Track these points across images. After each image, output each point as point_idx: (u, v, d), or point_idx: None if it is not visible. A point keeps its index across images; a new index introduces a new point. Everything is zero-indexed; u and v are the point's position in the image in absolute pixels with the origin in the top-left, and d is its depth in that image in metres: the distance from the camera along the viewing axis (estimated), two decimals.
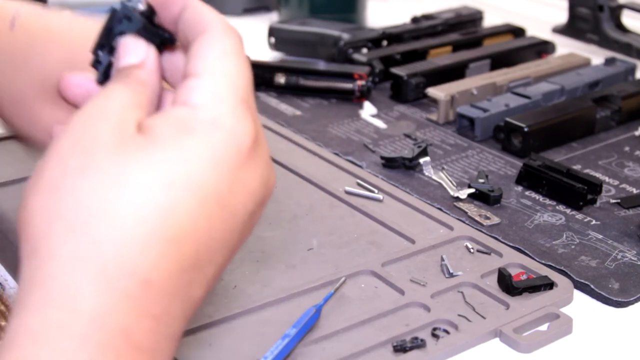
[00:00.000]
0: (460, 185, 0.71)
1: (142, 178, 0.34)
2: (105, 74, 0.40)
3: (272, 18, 1.17)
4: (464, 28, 1.06)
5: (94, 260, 0.33)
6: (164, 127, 0.35)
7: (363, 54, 0.95)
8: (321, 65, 0.93)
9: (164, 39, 0.40)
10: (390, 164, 0.74)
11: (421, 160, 0.74)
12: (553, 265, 0.60)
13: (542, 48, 1.00)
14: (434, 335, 0.52)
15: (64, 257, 0.33)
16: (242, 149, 0.36)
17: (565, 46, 1.03)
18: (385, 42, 1.00)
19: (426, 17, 1.07)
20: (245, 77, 0.38)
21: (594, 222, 0.66)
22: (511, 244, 0.63)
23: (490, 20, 1.11)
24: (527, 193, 0.70)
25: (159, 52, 0.40)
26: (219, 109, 0.36)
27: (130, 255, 0.33)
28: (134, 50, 0.39)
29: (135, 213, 0.33)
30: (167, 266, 0.34)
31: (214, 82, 0.37)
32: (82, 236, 0.33)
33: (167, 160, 0.34)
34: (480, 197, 0.69)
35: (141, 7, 0.40)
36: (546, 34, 1.07)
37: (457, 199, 0.69)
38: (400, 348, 0.50)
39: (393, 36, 1.01)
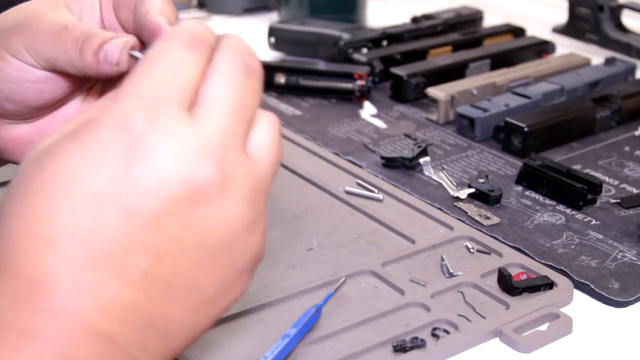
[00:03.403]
0: (460, 185, 0.71)
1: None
2: None
3: (272, 18, 1.17)
4: (464, 28, 1.06)
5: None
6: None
7: (363, 54, 0.95)
8: (321, 65, 0.93)
9: None
10: (390, 164, 0.74)
11: (421, 160, 0.74)
12: (553, 265, 0.60)
13: (542, 48, 1.00)
14: (434, 335, 0.52)
15: None
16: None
17: (565, 46, 1.03)
18: (385, 42, 1.00)
19: (426, 17, 1.07)
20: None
21: (594, 222, 0.66)
22: (511, 244, 0.63)
23: (490, 20, 1.11)
24: (527, 193, 0.70)
25: None
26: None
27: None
28: None
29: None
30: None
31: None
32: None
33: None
34: (480, 197, 0.69)
35: None
36: (546, 34, 1.07)
37: (457, 199, 0.69)
38: (400, 348, 0.50)
39: (393, 36, 1.00)
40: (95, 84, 0.51)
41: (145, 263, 0.34)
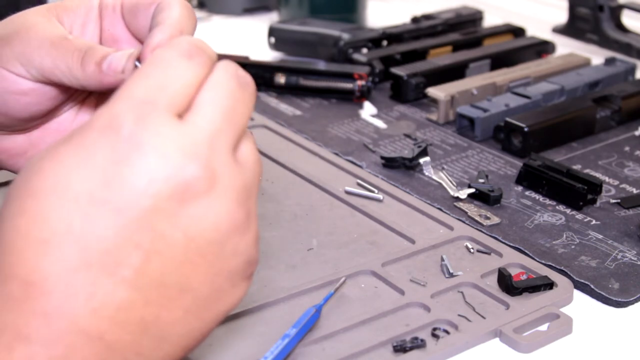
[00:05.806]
0: (460, 185, 0.71)
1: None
2: None
3: (272, 18, 1.17)
4: (464, 28, 1.06)
5: None
6: None
7: (363, 54, 0.95)
8: (321, 65, 0.93)
9: None
10: (390, 164, 0.74)
11: (421, 160, 0.74)
12: (553, 265, 0.60)
13: (542, 48, 1.00)
14: (434, 335, 0.52)
15: None
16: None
17: (565, 46, 1.03)
18: (385, 42, 1.00)
19: (426, 17, 1.07)
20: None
21: (594, 222, 0.66)
22: (511, 244, 0.63)
23: (490, 20, 1.11)
24: (527, 193, 0.70)
25: None
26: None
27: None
28: None
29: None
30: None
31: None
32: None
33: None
34: (480, 197, 0.69)
35: None
36: (546, 34, 1.07)
37: (457, 199, 0.69)
38: (400, 348, 0.50)
39: (393, 36, 1.00)
40: (89, 95, 0.51)
41: (137, 261, 0.34)
